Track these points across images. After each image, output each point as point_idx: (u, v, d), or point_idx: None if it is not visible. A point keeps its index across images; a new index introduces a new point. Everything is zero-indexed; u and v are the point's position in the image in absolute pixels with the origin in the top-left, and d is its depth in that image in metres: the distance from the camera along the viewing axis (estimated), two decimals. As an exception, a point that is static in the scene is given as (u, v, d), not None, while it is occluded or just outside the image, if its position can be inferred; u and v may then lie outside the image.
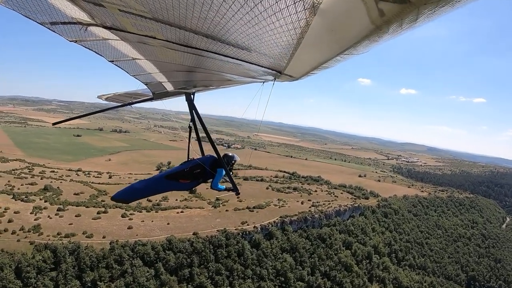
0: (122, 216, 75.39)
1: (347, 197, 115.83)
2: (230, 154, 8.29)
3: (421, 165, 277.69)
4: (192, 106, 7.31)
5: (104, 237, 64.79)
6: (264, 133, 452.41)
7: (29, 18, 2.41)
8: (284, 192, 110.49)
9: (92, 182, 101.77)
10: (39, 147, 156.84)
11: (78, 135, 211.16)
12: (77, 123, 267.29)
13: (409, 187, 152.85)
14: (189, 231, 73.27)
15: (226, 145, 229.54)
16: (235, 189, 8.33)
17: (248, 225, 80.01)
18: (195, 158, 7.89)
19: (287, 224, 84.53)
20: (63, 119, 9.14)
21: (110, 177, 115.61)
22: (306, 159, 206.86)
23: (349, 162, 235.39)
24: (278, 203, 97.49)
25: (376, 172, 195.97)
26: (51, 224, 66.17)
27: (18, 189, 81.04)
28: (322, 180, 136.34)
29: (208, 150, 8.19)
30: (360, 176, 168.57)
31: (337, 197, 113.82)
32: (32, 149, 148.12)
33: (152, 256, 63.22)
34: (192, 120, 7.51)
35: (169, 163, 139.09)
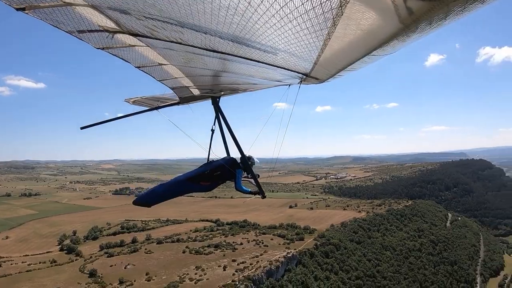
0: None
1: (279, 244, 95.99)
2: (255, 158, 8.07)
3: (351, 179, 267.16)
4: (218, 110, 7.29)
5: None
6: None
7: (57, 28, 2.42)
8: (204, 254, 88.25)
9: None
10: None
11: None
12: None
13: (344, 209, 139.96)
14: None
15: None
16: (261, 192, 7.94)
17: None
18: (215, 160, 7.86)
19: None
20: (92, 123, 7.87)
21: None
22: (231, 197, 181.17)
23: (277, 191, 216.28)
24: (196, 274, 74.64)
25: (307, 198, 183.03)
26: None
27: None
28: (248, 225, 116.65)
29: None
30: (291, 206, 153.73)
31: (267, 246, 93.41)
32: None
33: None
34: (219, 123, 7.58)
35: (74, 233, 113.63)
